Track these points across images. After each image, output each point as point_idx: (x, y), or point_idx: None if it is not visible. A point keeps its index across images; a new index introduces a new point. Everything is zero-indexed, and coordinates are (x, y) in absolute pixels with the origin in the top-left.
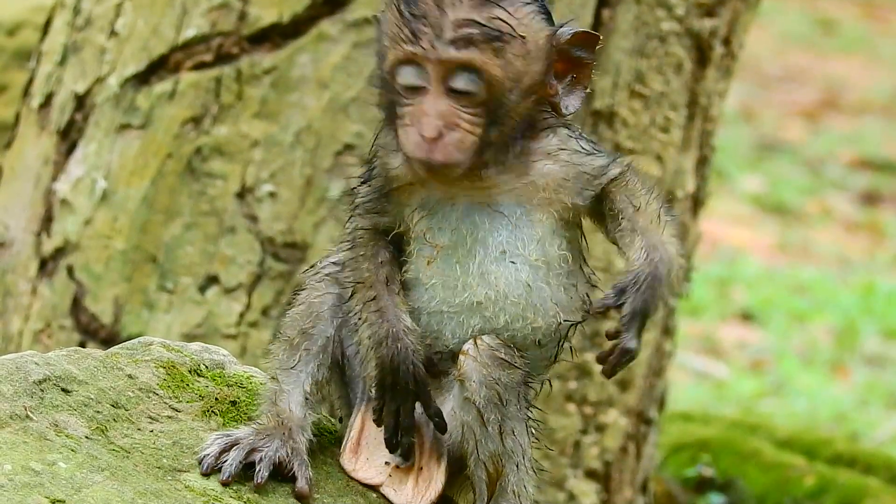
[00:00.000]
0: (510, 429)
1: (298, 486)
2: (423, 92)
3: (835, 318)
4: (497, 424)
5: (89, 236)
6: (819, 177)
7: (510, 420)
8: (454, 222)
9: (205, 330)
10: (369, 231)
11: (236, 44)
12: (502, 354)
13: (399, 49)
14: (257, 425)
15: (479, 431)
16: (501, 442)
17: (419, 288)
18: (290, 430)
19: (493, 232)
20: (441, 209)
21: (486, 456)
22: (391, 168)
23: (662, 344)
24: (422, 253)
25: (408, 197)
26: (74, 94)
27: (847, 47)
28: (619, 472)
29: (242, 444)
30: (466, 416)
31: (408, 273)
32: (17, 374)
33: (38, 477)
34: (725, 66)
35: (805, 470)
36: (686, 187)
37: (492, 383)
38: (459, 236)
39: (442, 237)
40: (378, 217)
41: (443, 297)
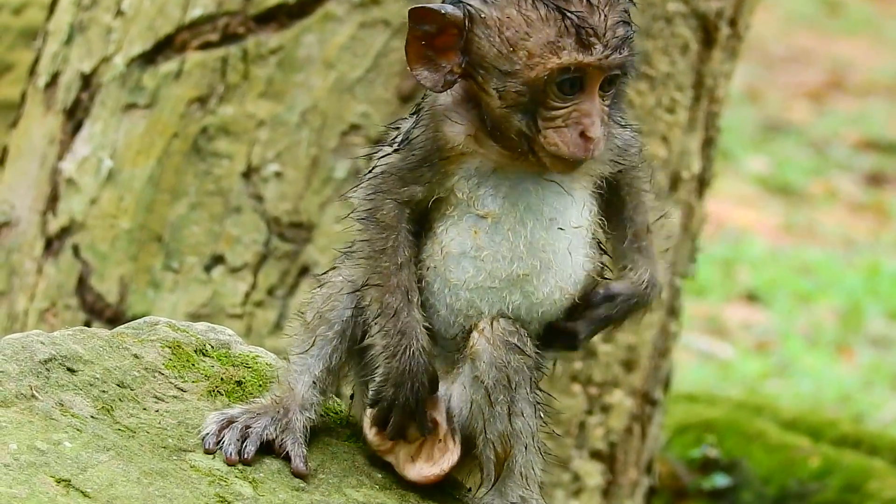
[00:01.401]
0: (519, 410)
1: (293, 466)
2: (580, 94)
3: (840, 299)
4: (506, 405)
5: (95, 216)
6: (824, 158)
7: (519, 402)
8: (505, 190)
9: (210, 310)
10: (394, 210)
11: (242, 23)
12: (514, 340)
13: (565, 56)
14: (253, 404)
15: (487, 411)
16: (510, 423)
17: (463, 262)
18: (286, 409)
19: (544, 199)
20: (492, 178)
21: (495, 436)
22: (447, 136)
23: (667, 325)
24: (467, 223)
25: (456, 166)
26: (80, 74)
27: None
28: (624, 452)
29: (237, 423)
30: (476, 394)
31: (450, 247)
32: (23, 354)
33: (43, 456)
34: (731, 47)
35: (810, 451)
36: (692, 168)
37: (501, 366)
38: (510, 204)
39: (493, 205)
40: (414, 187)
41: (490, 270)
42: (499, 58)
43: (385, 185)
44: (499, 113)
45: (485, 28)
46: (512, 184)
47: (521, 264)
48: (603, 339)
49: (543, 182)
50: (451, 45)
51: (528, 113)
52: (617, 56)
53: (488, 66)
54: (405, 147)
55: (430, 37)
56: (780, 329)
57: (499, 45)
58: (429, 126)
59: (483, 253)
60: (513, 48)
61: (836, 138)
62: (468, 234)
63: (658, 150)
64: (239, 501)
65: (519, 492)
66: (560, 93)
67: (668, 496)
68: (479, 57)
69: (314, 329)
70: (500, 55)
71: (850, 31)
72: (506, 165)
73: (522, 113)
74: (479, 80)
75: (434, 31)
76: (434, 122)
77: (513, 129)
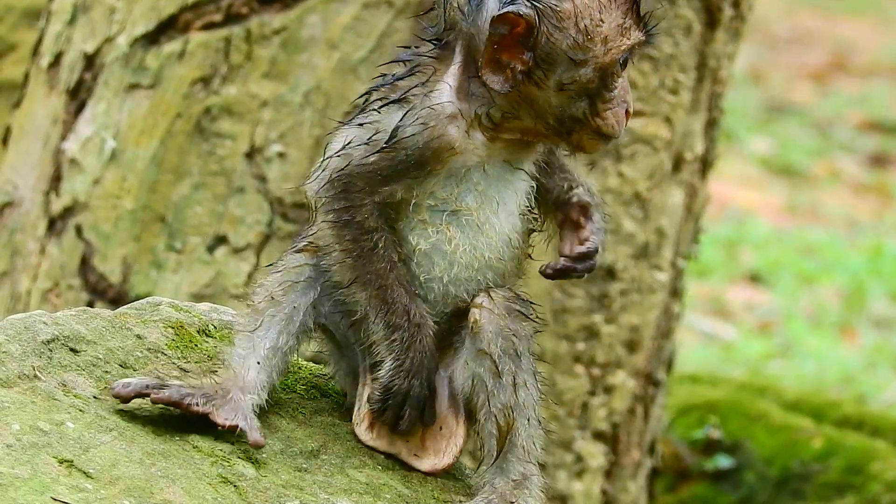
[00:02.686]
0: (523, 381)
1: (251, 439)
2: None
3: (842, 279)
4: (511, 376)
5: (98, 196)
6: (827, 139)
7: (523, 372)
8: (483, 184)
9: (213, 290)
10: (374, 210)
11: (246, 4)
12: (517, 306)
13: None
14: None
15: (491, 383)
16: (514, 393)
17: (435, 258)
18: (225, 390)
19: (514, 187)
20: (473, 173)
21: (498, 408)
22: (450, 137)
23: (670, 305)
24: (439, 220)
25: (442, 165)
26: (84, 54)
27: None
28: (627, 433)
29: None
30: (479, 367)
31: (420, 245)
32: (26, 334)
33: (46, 437)
34: (734, 28)
35: (812, 432)
36: (695, 149)
37: (508, 334)
38: (486, 198)
39: (471, 200)
40: (395, 186)
41: (465, 262)
42: (574, 48)
43: (364, 183)
44: (555, 103)
45: (558, 21)
46: (488, 176)
47: (492, 251)
48: (605, 319)
49: (513, 170)
50: (517, 43)
51: (588, 97)
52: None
53: (558, 58)
54: (392, 145)
55: (502, 38)
56: (782, 310)
57: (574, 35)
58: (428, 126)
59: (458, 247)
60: (590, 36)
61: (839, 119)
62: (440, 231)
63: (661, 132)
64: (242, 482)
65: (520, 468)
66: (620, 73)
67: (670, 477)
68: (549, 51)
69: (262, 311)
70: (575, 45)
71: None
72: (487, 158)
73: (583, 99)
74: (537, 74)
75: (506, 32)
76: (436, 122)
77: (565, 116)
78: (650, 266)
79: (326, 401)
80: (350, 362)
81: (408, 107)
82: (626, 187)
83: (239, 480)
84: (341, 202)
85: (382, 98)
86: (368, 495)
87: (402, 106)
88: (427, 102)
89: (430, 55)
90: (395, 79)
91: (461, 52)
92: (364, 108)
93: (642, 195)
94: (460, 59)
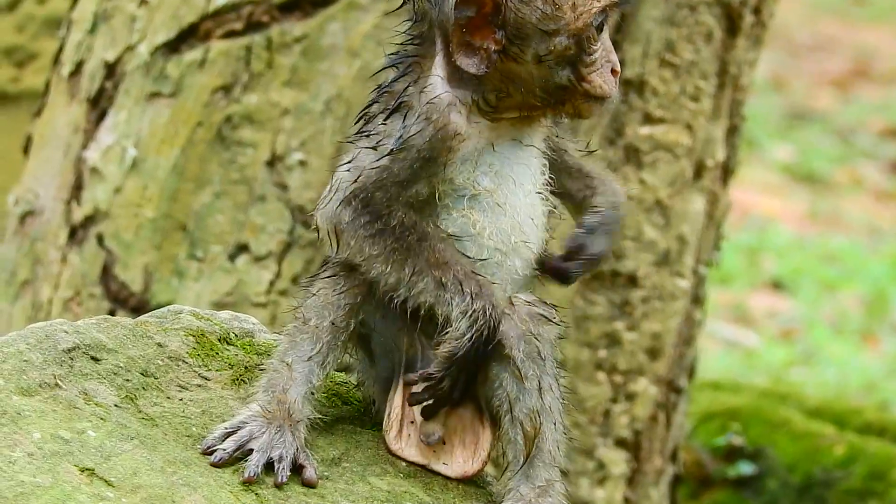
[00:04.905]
0: (548, 385)
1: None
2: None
3: (865, 286)
4: (536, 380)
5: (119, 204)
6: (849, 146)
7: (548, 376)
8: (497, 165)
9: (234, 298)
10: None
11: (267, 12)
12: (540, 310)
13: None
14: (263, 412)
15: (517, 388)
16: (540, 397)
17: (465, 243)
18: (297, 423)
19: (527, 164)
20: (485, 155)
21: (524, 413)
22: (454, 124)
23: (692, 313)
24: (461, 206)
25: (452, 153)
26: (104, 63)
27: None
28: (649, 440)
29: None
30: (503, 372)
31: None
32: (47, 343)
33: (67, 445)
34: (755, 35)
35: (835, 439)
36: (716, 156)
37: (531, 338)
38: (501, 177)
39: (487, 182)
40: (417, 187)
41: (494, 245)
42: (544, 19)
43: (384, 193)
44: (538, 75)
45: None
46: (500, 156)
47: (516, 233)
48: (627, 327)
49: (523, 147)
50: (487, 23)
51: (569, 65)
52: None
53: (530, 31)
54: (401, 148)
55: (469, 21)
56: (805, 317)
57: (542, 6)
58: (431, 120)
59: (484, 230)
60: (557, 5)
61: (861, 126)
62: (464, 215)
63: (682, 138)
64: (263, 489)
65: (545, 474)
66: (596, 36)
67: (692, 484)
68: (519, 26)
69: (320, 337)
70: (544, 16)
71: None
72: (494, 138)
73: (564, 67)
74: (512, 51)
75: (473, 13)
76: (437, 113)
77: (550, 86)
78: (672, 273)
79: (348, 408)
80: (381, 371)
81: (406, 109)
82: (648, 194)
83: (260, 488)
84: (367, 216)
85: (384, 110)
86: (390, 503)
87: (401, 111)
88: (424, 99)
89: (413, 52)
90: (390, 83)
91: (440, 41)
92: (367, 121)
93: (664, 202)
94: (441, 49)
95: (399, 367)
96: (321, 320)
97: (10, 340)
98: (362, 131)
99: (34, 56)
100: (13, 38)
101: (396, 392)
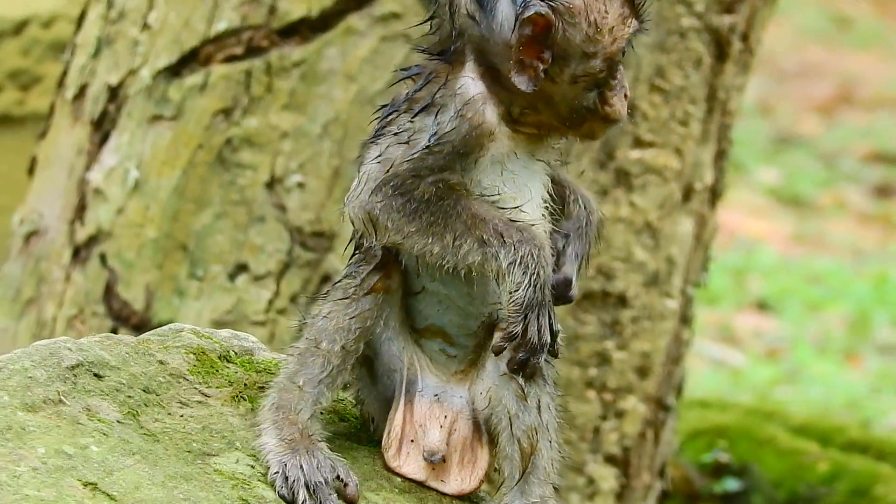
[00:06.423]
0: (546, 403)
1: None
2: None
3: (848, 307)
4: (536, 398)
5: (122, 225)
6: (833, 170)
7: (546, 395)
8: (517, 173)
9: (234, 317)
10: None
11: (266, 37)
12: None
13: (631, 24)
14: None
15: (516, 406)
16: (539, 415)
17: None
18: (317, 442)
19: (539, 179)
20: (508, 162)
21: (522, 430)
22: (486, 119)
23: (680, 332)
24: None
25: (481, 150)
26: (108, 86)
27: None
28: (638, 457)
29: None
30: (504, 390)
31: None
32: (51, 360)
33: (70, 460)
34: (743, 61)
35: (819, 456)
36: (704, 179)
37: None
38: (520, 186)
39: (509, 189)
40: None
41: None
42: (586, 41)
43: (415, 177)
44: (570, 95)
45: (570, 17)
46: (519, 167)
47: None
48: (617, 346)
49: (536, 162)
50: (538, 42)
51: (597, 87)
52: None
53: (573, 52)
54: (436, 143)
55: (527, 40)
56: (790, 337)
57: (586, 29)
58: (466, 117)
59: None
60: (599, 28)
61: (845, 151)
62: None
63: (671, 162)
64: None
65: (539, 490)
66: (623, 60)
67: (680, 500)
68: (564, 47)
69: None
70: (587, 38)
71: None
72: (517, 149)
73: (592, 89)
74: (553, 71)
75: (530, 33)
76: (474, 112)
77: (577, 107)
78: (661, 293)
79: (345, 425)
80: (382, 390)
81: (437, 108)
82: (637, 217)
83: (259, 502)
84: (400, 199)
85: (408, 110)
86: None
87: (429, 111)
88: (459, 99)
89: (436, 66)
90: (413, 92)
91: (471, 56)
92: (387, 124)
93: (653, 224)
94: (472, 62)
95: (400, 386)
96: (332, 344)
97: (14, 357)
98: (386, 130)
99: (39, 79)
100: (18, 61)
101: (397, 411)
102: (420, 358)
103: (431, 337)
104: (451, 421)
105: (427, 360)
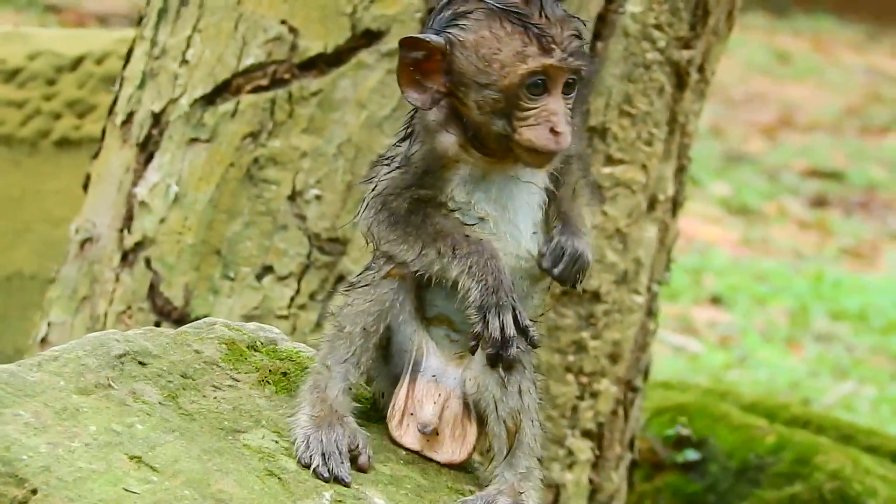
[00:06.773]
0: (527, 388)
1: (360, 462)
2: (546, 96)
3: (790, 301)
4: (517, 384)
5: (164, 233)
6: (776, 183)
7: (526, 380)
8: (495, 194)
9: (261, 312)
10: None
11: (288, 70)
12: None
13: (531, 61)
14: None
15: (499, 392)
16: (520, 399)
17: None
18: (343, 416)
19: (525, 201)
20: (483, 183)
21: (507, 412)
22: (443, 145)
23: (646, 323)
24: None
25: (452, 172)
26: (152, 113)
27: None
28: (611, 431)
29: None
30: (488, 378)
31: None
32: (101, 350)
33: (118, 437)
34: (700, 89)
35: (766, 430)
36: (667, 192)
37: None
38: (501, 206)
39: (488, 208)
40: (419, 191)
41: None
42: (477, 73)
43: (392, 192)
44: (479, 120)
45: (463, 50)
46: (498, 188)
47: (520, 257)
48: (592, 336)
49: (521, 183)
50: (436, 68)
51: (504, 117)
52: (573, 60)
53: (469, 81)
54: (405, 164)
55: (418, 62)
56: (740, 327)
57: (476, 62)
58: (425, 140)
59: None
60: (488, 63)
61: (786, 167)
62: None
63: (638, 177)
64: (284, 474)
65: (525, 462)
66: (530, 95)
67: (647, 468)
68: (460, 75)
69: (354, 341)
70: (478, 70)
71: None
72: (490, 171)
73: (499, 117)
74: (460, 96)
75: (421, 57)
76: (429, 135)
77: (492, 133)
78: (629, 290)
79: (358, 406)
80: (392, 369)
81: (413, 134)
82: (609, 224)
83: (282, 473)
84: (385, 213)
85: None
86: (392, 486)
87: (409, 136)
88: (420, 126)
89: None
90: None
91: None
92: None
93: (622, 230)
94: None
95: (408, 365)
96: (354, 326)
97: (69, 348)
98: (384, 157)
99: (93, 108)
100: (75, 92)
101: (402, 388)
102: (427, 342)
103: (439, 324)
104: (444, 399)
105: (433, 345)
